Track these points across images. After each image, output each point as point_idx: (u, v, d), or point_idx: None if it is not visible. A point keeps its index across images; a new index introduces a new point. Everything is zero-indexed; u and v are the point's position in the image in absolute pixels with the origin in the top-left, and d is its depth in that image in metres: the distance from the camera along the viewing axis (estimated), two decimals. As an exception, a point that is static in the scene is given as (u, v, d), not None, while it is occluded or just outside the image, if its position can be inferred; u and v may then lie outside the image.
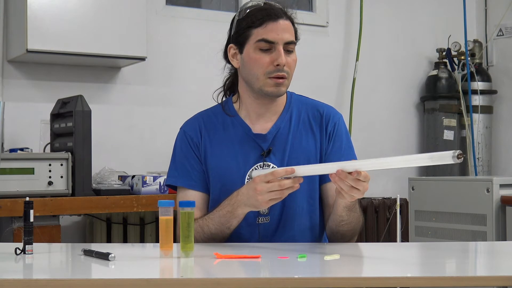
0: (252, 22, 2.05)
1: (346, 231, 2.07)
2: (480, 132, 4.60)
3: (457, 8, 4.68)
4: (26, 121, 3.43)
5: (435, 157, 1.67)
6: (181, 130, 2.17)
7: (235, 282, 1.51)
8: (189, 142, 2.13)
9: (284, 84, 2.06)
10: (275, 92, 2.06)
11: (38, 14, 3.18)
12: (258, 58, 2.04)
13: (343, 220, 2.03)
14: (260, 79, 2.05)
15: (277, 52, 2.03)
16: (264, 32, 2.03)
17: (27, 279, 1.57)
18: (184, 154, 2.13)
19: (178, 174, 2.13)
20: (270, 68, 2.03)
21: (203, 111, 2.20)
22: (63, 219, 3.30)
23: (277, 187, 1.87)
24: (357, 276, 1.62)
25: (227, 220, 2.00)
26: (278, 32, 2.03)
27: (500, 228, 3.47)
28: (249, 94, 2.12)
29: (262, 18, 2.04)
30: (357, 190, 1.82)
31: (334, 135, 2.14)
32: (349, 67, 4.42)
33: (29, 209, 1.82)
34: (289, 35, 2.06)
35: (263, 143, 2.10)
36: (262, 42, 2.03)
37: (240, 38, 2.08)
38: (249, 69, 2.07)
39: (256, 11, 2.06)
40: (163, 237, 1.77)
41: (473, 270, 1.82)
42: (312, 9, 4.40)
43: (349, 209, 2.00)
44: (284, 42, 2.04)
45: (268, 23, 2.03)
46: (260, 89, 2.06)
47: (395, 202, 4.11)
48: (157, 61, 3.78)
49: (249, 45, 2.06)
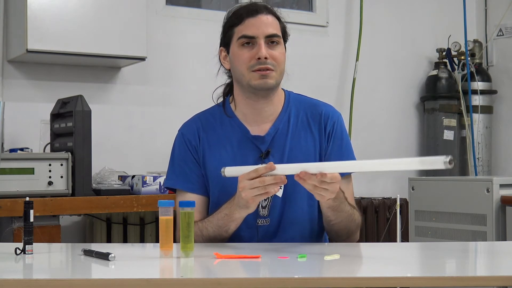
0: (233, 21, 2.07)
1: (339, 230, 2.07)
2: (480, 132, 4.60)
3: (457, 8, 4.68)
4: (26, 121, 3.43)
5: (426, 162, 1.65)
6: (179, 133, 2.17)
7: (235, 282, 1.51)
8: (187, 144, 2.13)
9: (271, 76, 2.04)
10: (262, 84, 2.04)
11: (38, 14, 3.18)
12: (241, 54, 2.05)
13: (331, 220, 2.03)
14: (245, 74, 2.04)
15: (257, 46, 2.03)
16: (243, 29, 2.04)
17: (27, 279, 1.57)
18: (182, 157, 2.13)
19: (176, 177, 2.13)
20: (252, 62, 2.03)
21: (201, 113, 2.19)
22: (63, 219, 3.30)
23: (258, 183, 1.84)
24: (357, 276, 1.62)
25: (225, 223, 2.00)
26: (258, 26, 2.04)
27: (500, 228, 3.47)
28: (242, 95, 2.11)
29: (241, 15, 2.06)
30: (325, 190, 1.82)
31: (333, 134, 2.13)
32: (349, 67, 4.41)
33: (29, 209, 1.82)
34: (271, 28, 2.05)
35: (262, 145, 2.10)
36: (243, 38, 2.04)
37: (226, 39, 2.10)
38: (235, 67, 2.08)
39: (238, 10, 2.09)
40: (163, 237, 1.77)
41: (473, 270, 1.82)
42: (312, 9, 4.40)
43: (333, 209, 1.99)
44: (265, 35, 2.04)
45: (247, 19, 2.05)
46: (248, 85, 2.05)
47: (395, 202, 4.12)
48: (157, 61, 3.78)
49: (233, 44, 2.07)
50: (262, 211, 2.07)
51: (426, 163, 1.66)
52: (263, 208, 2.07)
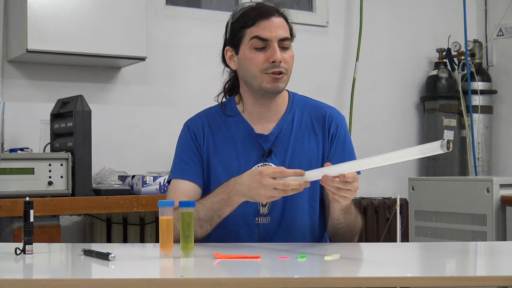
0: (245, 22, 2.06)
1: (345, 233, 2.08)
2: (480, 132, 4.60)
3: (457, 8, 4.68)
4: (26, 121, 3.43)
5: (424, 149, 1.67)
6: (184, 126, 2.17)
7: (235, 282, 1.51)
8: (191, 136, 2.13)
9: (283, 80, 2.05)
10: (274, 88, 2.05)
11: (38, 14, 3.18)
12: (254, 57, 2.04)
13: (341, 222, 2.03)
14: (257, 76, 2.04)
15: (272, 49, 2.03)
16: (257, 30, 2.04)
17: (27, 279, 1.57)
18: (185, 147, 2.13)
19: (174, 168, 2.14)
20: (266, 65, 2.03)
21: (207, 109, 2.20)
22: (63, 219, 3.30)
23: (282, 186, 1.85)
24: (357, 276, 1.62)
25: (220, 207, 1.97)
26: (271, 29, 2.03)
27: (500, 228, 3.47)
28: (249, 95, 2.12)
29: (254, 17, 2.05)
30: (348, 191, 1.83)
31: (337, 137, 2.14)
32: (349, 67, 4.42)
33: (29, 209, 1.82)
34: (283, 31, 2.05)
35: (265, 144, 2.10)
36: (256, 40, 2.03)
37: (235, 39, 2.08)
38: (246, 69, 2.07)
39: (248, 11, 2.07)
40: (163, 237, 1.77)
41: (473, 270, 1.82)
42: (312, 9, 4.40)
43: (345, 211, 2.01)
44: (278, 39, 2.04)
45: (261, 21, 2.04)
46: (259, 87, 2.05)
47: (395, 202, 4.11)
48: (157, 61, 3.78)
49: (244, 45, 2.06)
50: (262, 209, 2.07)
51: (426, 151, 1.67)
52: (263, 207, 2.07)
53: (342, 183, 1.81)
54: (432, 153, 1.64)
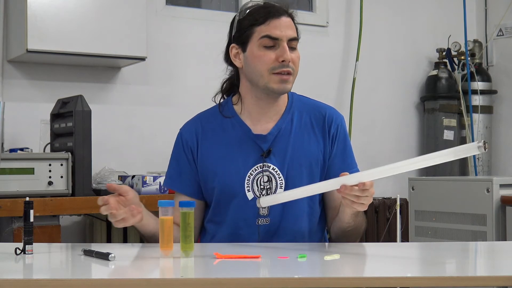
0: (254, 20, 2.05)
1: (352, 234, 2.09)
2: (480, 132, 4.60)
3: (457, 8, 4.68)
4: (26, 121, 3.43)
5: (459, 151, 1.69)
6: (178, 133, 2.18)
7: (235, 282, 1.51)
8: (183, 146, 2.13)
9: (290, 81, 2.05)
10: (280, 88, 2.04)
11: (38, 14, 3.18)
12: (263, 55, 2.03)
13: (350, 225, 2.05)
14: (264, 76, 2.03)
15: (281, 49, 2.02)
16: (267, 29, 2.03)
17: (27, 279, 1.57)
18: (178, 158, 2.15)
19: (170, 176, 2.16)
20: (274, 64, 2.02)
21: (202, 113, 2.19)
22: (63, 219, 3.30)
23: None
24: (357, 276, 1.62)
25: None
26: (282, 28, 2.03)
27: (500, 228, 3.47)
28: (251, 94, 2.11)
29: (264, 15, 2.04)
30: (366, 198, 1.86)
31: (337, 137, 2.14)
32: (349, 67, 4.41)
33: (29, 209, 1.82)
34: (292, 31, 2.06)
35: (263, 144, 2.09)
36: (266, 39, 2.03)
37: (243, 37, 2.07)
38: (253, 67, 2.06)
39: (257, 9, 2.07)
40: (163, 237, 1.77)
41: (473, 270, 1.82)
42: (312, 9, 4.40)
43: (355, 215, 2.02)
44: (288, 38, 2.04)
45: (271, 20, 2.03)
46: (265, 86, 2.04)
47: (395, 202, 4.11)
48: (157, 61, 3.78)
49: (252, 43, 2.05)
50: (262, 210, 2.07)
51: (460, 153, 1.69)
52: (263, 208, 2.07)
53: (360, 191, 1.83)
54: (467, 154, 1.66)
